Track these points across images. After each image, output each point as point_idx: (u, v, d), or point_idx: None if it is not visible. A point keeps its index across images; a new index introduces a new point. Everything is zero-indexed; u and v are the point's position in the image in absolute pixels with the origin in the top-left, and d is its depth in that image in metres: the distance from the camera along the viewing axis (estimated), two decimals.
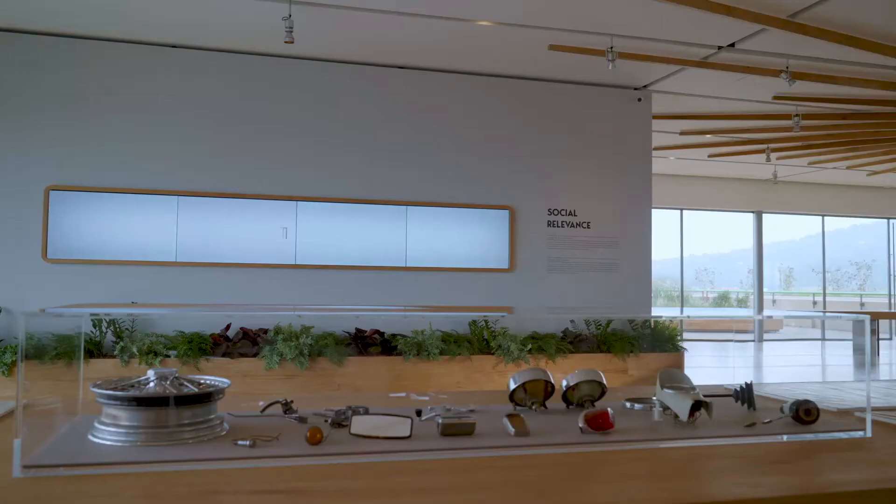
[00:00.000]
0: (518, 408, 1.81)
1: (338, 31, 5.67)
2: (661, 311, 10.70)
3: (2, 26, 5.63)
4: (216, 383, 1.53)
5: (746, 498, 1.23)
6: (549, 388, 1.83)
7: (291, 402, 1.70)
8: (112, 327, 5.50)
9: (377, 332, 6.00)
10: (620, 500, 1.22)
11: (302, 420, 1.62)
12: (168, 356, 5.31)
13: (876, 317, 11.11)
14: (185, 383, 1.49)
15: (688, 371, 6.78)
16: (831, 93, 7.03)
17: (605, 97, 7.02)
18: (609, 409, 1.59)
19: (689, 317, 11.09)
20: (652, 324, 6.70)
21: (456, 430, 1.52)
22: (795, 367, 10.71)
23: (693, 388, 1.75)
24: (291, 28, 4.95)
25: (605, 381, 1.86)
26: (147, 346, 5.29)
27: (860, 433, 1.66)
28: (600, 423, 1.56)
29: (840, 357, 12.37)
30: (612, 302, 6.94)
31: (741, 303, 19.15)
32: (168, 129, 5.99)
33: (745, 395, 1.84)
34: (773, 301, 19.83)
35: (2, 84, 5.67)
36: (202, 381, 1.53)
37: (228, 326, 5.78)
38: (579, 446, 1.50)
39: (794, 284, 22.46)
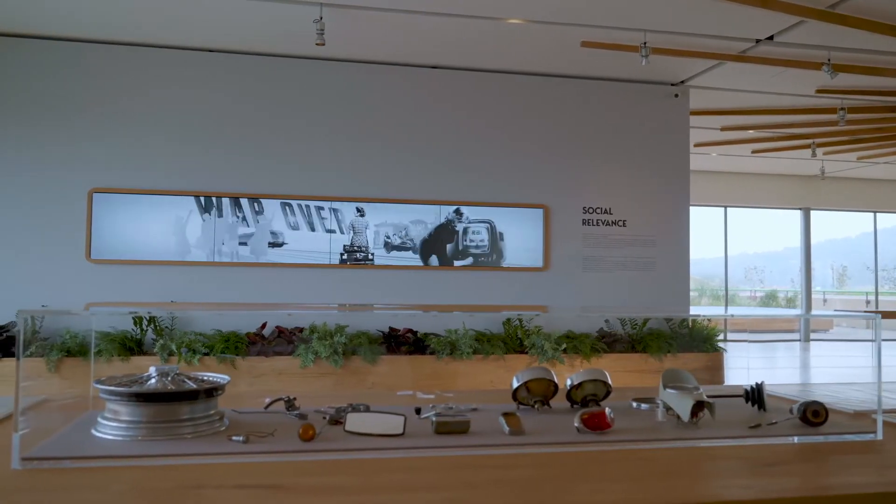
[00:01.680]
0: (521, 407, 1.80)
1: (368, 33, 5.71)
2: (699, 311, 10.49)
3: (48, 34, 5.82)
4: (216, 380, 1.57)
5: (735, 499, 1.20)
6: (552, 388, 1.82)
7: (294, 398, 1.72)
8: (152, 325, 5.65)
9: (410, 330, 6.03)
10: (608, 500, 1.21)
11: (302, 417, 1.64)
12: (207, 354, 5.44)
13: None
14: (186, 380, 1.53)
15: (727, 371, 6.68)
16: (877, 85, 6.80)
17: (641, 93, 6.92)
18: (606, 409, 1.57)
19: (732, 316, 10.85)
20: (690, 323, 6.59)
21: (449, 428, 1.52)
22: (837, 368, 10.39)
23: (696, 387, 1.72)
24: (322, 30, 5.01)
25: (609, 381, 1.84)
26: (186, 344, 5.43)
27: (870, 436, 1.60)
28: (597, 423, 1.54)
29: (890, 358, 11.95)
30: (649, 301, 6.83)
31: (790, 302, 18.63)
32: (206, 132, 6.11)
33: (754, 395, 1.80)
34: (824, 300, 19.22)
35: (48, 90, 5.86)
36: (203, 378, 1.57)
37: (264, 325, 5.87)
38: (573, 446, 1.49)
39: (849, 283, 21.77)
